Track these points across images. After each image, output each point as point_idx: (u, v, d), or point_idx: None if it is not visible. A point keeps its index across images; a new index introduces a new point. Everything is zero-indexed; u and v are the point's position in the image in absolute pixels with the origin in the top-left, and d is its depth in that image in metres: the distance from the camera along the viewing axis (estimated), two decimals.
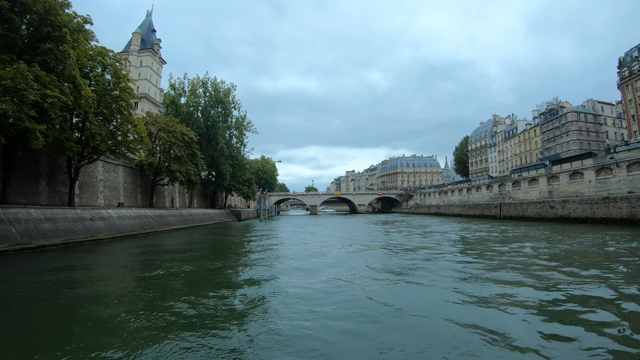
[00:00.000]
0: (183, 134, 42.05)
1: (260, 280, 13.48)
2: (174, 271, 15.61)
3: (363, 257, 19.38)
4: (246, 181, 65.29)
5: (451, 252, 19.98)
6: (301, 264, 16.95)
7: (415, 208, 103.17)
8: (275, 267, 16.58)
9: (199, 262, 18.21)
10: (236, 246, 25.91)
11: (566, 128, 79.91)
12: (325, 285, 12.22)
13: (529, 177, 56.40)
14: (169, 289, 12.35)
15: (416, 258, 18.02)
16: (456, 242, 25.57)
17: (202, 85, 55.90)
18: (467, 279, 12.77)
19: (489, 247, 21.81)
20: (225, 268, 16.73)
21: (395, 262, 17.16)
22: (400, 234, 33.90)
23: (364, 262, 16.84)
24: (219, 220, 56.98)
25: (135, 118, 34.94)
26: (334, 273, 14.24)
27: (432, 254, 19.13)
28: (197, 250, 23.72)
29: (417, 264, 16.17)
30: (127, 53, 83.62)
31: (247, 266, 17.45)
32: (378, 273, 14.24)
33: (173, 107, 54.51)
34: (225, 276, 14.73)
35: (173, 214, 42.85)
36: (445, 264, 16.07)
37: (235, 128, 59.74)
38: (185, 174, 41.62)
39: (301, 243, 27.25)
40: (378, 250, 22.13)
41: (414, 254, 19.40)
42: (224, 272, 15.61)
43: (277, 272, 15.10)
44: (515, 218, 52.54)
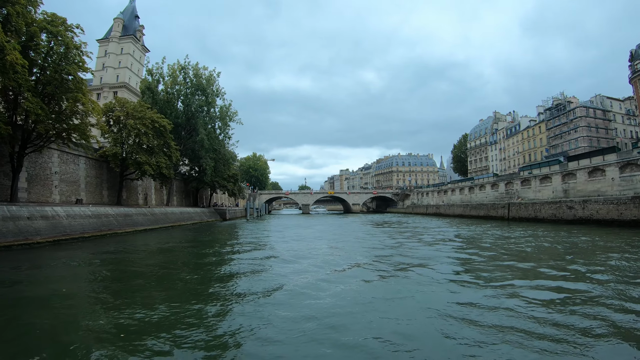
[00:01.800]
0: (153, 121, 36.49)
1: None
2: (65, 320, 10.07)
3: (369, 293, 11.61)
4: (231, 177, 59.40)
5: (497, 280, 12.61)
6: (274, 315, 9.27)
7: (413, 208, 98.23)
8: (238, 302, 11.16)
9: (114, 289, 12.86)
10: (195, 257, 20.31)
11: (575, 124, 75.34)
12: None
13: (541, 174, 51.52)
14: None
15: (454, 298, 11.23)
16: (491, 260, 19.17)
17: (181, 71, 50.24)
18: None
19: (542, 264, 16.36)
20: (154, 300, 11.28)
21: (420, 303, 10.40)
22: (408, 240, 28.36)
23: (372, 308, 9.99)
24: (200, 220, 51.41)
25: (90, 99, 29.43)
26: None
27: (474, 285, 12.38)
28: (134, 263, 18.31)
29: (458, 312, 9.41)
30: (108, 40, 78.23)
31: (193, 297, 12.07)
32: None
33: (149, 95, 48.78)
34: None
35: (142, 213, 37.31)
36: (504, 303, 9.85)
37: (219, 119, 54.02)
38: (155, 167, 36.10)
39: (283, 255, 21.40)
40: (390, 279, 13.34)
41: (444, 287, 12.18)
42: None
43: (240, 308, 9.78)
44: (526, 220, 47.63)
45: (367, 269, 15.19)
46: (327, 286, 11.83)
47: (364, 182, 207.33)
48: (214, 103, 52.33)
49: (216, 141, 52.73)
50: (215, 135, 52.94)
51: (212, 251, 22.00)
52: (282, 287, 11.75)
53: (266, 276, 13.85)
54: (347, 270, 14.85)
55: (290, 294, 10.95)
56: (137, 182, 44.99)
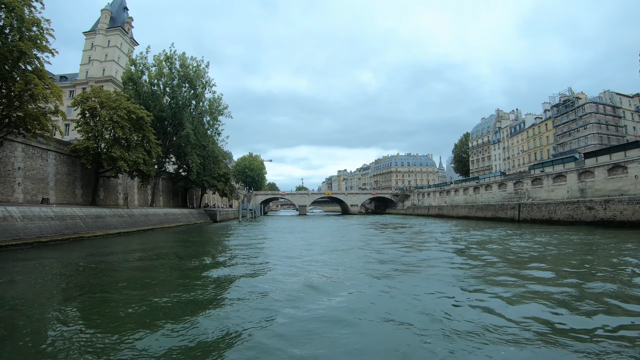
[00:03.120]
0: (130, 111, 32.64)
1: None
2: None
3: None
4: (222, 176, 55.38)
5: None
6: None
7: (413, 209, 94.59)
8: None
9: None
10: (149, 272, 16.06)
11: (584, 121, 71.86)
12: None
13: (554, 172, 47.95)
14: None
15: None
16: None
17: (167, 61, 46.31)
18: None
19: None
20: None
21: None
22: (420, 250, 23.63)
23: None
24: (186, 222, 47.49)
25: (52, 83, 25.64)
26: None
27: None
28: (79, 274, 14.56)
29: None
30: (94, 32, 74.29)
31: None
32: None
33: (131, 86, 44.85)
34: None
35: (117, 214, 33.45)
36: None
37: (208, 113, 50.01)
38: (132, 163, 32.26)
39: (272, 271, 16.44)
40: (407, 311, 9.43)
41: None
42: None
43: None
44: (539, 221, 44.07)
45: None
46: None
47: (362, 183, 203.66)
48: (202, 96, 48.38)
49: (204, 137, 48.60)
50: (203, 130, 48.78)
51: (175, 263, 17.84)
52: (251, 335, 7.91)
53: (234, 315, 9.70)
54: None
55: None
56: (117, 181, 41.18)
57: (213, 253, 21.47)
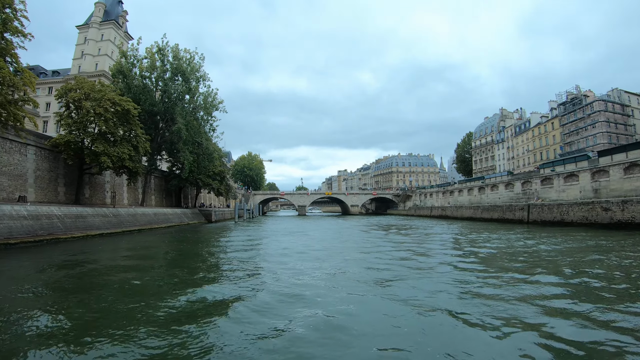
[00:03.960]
0: (115, 103, 30.35)
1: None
2: None
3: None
4: (217, 175, 53.14)
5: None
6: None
7: (415, 210, 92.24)
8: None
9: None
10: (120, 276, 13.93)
11: (592, 119, 69.54)
12: None
13: (565, 172, 45.62)
14: None
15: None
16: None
17: (159, 52, 43.95)
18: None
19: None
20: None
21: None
22: (430, 254, 20.42)
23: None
24: (179, 222, 45.15)
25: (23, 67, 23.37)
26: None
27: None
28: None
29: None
30: (88, 26, 71.98)
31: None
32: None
33: (121, 79, 42.48)
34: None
35: (101, 214, 31.13)
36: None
37: (203, 108, 47.60)
38: (116, 159, 29.94)
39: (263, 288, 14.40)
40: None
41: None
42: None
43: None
44: (551, 223, 41.78)
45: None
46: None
47: (363, 183, 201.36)
48: (196, 90, 46.03)
49: (197, 132, 46.11)
50: (196, 125, 46.30)
51: (147, 276, 14.99)
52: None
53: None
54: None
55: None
56: (104, 179, 38.90)
57: (196, 261, 18.67)
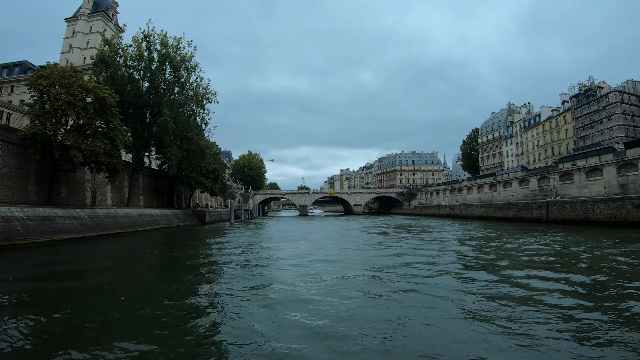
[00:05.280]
0: (88, 90, 26.94)
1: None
2: None
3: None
4: (211, 172, 49.49)
5: None
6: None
7: (421, 209, 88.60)
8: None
9: None
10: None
11: (608, 111, 65.67)
12: None
13: (587, 166, 41.97)
14: None
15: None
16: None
17: (144, 40, 40.50)
18: None
19: None
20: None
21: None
22: (461, 267, 15.38)
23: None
24: (168, 224, 41.67)
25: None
26: None
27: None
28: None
29: None
30: (76, 18, 68.72)
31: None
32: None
33: (103, 68, 39.04)
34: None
35: (74, 216, 27.70)
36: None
37: (194, 102, 43.99)
38: (89, 153, 26.47)
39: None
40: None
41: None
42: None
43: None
44: (573, 222, 38.15)
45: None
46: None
47: (365, 182, 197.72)
48: (187, 81, 42.46)
49: (187, 126, 42.40)
50: (185, 117, 42.61)
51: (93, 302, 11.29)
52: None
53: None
54: None
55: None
56: (84, 177, 35.47)
57: (162, 280, 14.87)
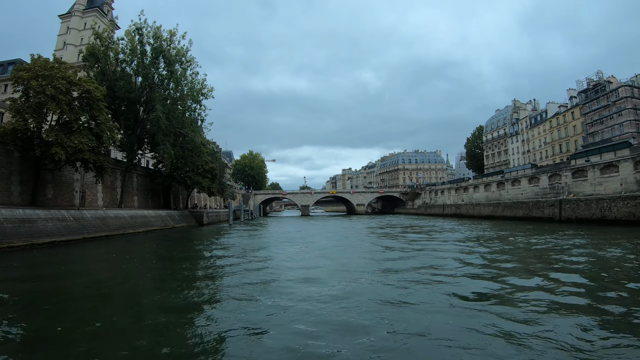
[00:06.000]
0: (71, 83, 25.17)
1: None
2: None
3: None
4: (208, 172, 47.58)
5: None
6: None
7: (425, 208, 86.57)
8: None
9: None
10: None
11: (618, 107, 63.50)
12: None
13: (602, 162, 40.00)
14: None
15: None
16: None
17: (136, 32, 38.72)
18: None
19: None
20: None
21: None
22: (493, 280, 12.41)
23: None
24: (162, 225, 39.87)
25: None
26: None
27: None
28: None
29: None
30: (70, 15, 67.22)
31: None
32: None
33: (93, 62, 37.28)
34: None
35: (58, 217, 25.91)
36: None
37: (190, 97, 42.00)
38: (72, 150, 24.68)
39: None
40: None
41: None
42: None
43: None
44: (588, 221, 36.17)
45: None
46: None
47: (368, 182, 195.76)
48: (182, 76, 40.52)
49: (181, 122, 40.52)
50: (179, 113, 40.57)
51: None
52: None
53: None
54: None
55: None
56: (73, 177, 33.72)
57: (125, 301, 11.54)
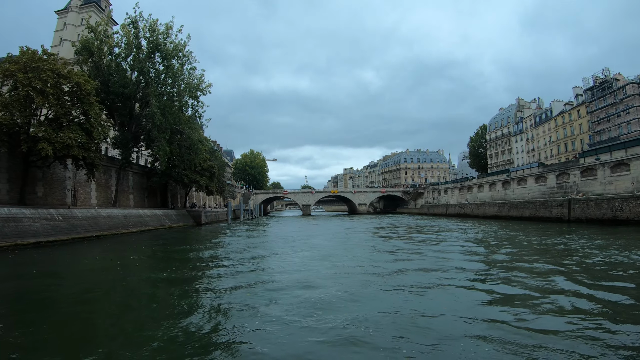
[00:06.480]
0: (60, 75, 24.01)
1: None
2: None
3: None
4: (205, 170, 46.39)
5: None
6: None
7: (428, 208, 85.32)
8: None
9: None
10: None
11: (625, 104, 62.12)
12: None
13: (612, 160, 38.68)
14: None
15: None
16: None
17: (131, 26, 37.59)
18: None
19: None
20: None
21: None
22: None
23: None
24: (158, 225, 38.70)
25: None
26: None
27: None
28: None
29: None
30: (67, 10, 66.19)
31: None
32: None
33: (86, 56, 36.15)
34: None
35: (45, 217, 24.76)
36: None
37: (187, 93, 40.75)
38: (61, 146, 23.51)
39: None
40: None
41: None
42: None
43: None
44: (599, 221, 34.88)
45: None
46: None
47: (370, 181, 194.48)
48: (179, 71, 39.27)
49: (177, 118, 39.19)
50: (175, 108, 39.27)
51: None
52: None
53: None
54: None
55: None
56: (65, 174, 32.58)
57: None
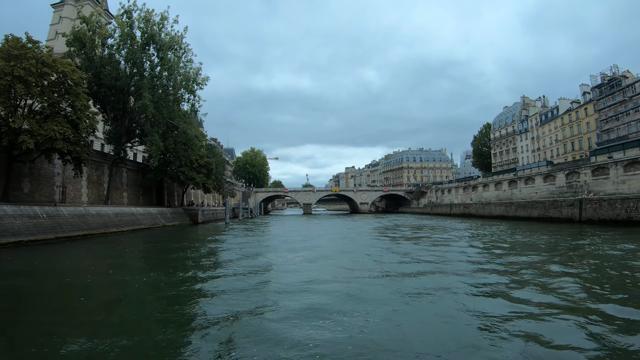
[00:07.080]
0: (43, 63, 22.51)
1: None
2: None
3: None
4: (203, 167, 44.72)
5: None
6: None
7: (431, 207, 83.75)
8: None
9: None
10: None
11: (634, 102, 60.45)
12: None
13: (626, 159, 37.05)
14: None
15: None
16: None
17: (124, 15, 36.16)
18: None
19: None
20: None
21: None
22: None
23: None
24: (152, 224, 37.20)
25: None
26: None
27: None
28: None
29: None
30: (63, 3, 64.93)
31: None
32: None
33: (78, 47, 34.69)
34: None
35: (28, 214, 23.25)
36: None
37: (183, 86, 39.22)
38: (44, 139, 22.02)
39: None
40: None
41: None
42: None
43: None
44: (612, 222, 33.26)
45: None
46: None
47: (372, 180, 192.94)
48: (176, 65, 37.73)
49: (172, 112, 37.74)
50: (170, 102, 37.73)
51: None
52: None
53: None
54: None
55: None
56: (54, 170, 31.13)
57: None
